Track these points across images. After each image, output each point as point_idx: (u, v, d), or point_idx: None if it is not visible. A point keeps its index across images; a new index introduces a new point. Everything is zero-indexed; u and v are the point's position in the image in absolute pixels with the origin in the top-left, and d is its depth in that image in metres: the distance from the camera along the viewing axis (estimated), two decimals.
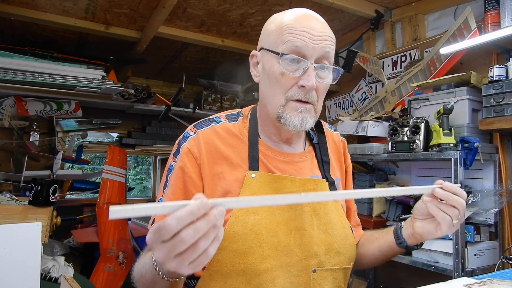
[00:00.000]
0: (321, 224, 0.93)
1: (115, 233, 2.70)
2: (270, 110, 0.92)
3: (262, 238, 0.87)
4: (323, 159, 1.02)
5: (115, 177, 2.84)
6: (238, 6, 2.57)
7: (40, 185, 2.03)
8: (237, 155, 0.94)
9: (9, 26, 2.78)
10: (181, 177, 0.91)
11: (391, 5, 2.68)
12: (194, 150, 0.93)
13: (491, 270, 1.81)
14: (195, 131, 0.96)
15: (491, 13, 2.00)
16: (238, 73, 3.78)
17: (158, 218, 0.89)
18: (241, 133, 0.97)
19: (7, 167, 3.13)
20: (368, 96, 2.96)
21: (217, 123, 0.98)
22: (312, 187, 0.95)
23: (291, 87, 0.88)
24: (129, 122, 3.78)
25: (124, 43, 3.09)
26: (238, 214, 0.87)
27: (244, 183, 0.90)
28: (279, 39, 0.88)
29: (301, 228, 0.91)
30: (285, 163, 0.97)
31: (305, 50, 0.85)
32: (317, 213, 0.94)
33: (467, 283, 0.89)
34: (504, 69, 1.90)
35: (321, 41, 0.86)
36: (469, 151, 1.93)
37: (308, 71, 0.86)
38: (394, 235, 0.98)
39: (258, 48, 0.97)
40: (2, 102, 2.87)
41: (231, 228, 0.86)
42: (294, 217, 0.91)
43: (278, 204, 0.85)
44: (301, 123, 0.88)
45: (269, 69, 0.90)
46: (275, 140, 0.98)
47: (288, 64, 0.86)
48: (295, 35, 0.85)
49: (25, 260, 1.47)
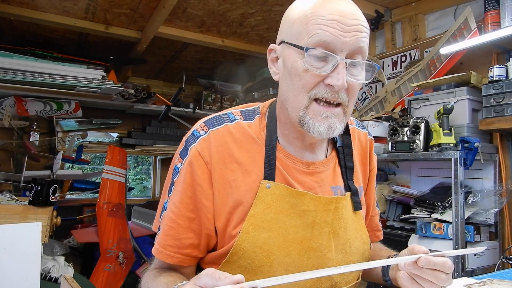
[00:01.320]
0: (339, 245, 0.86)
1: (115, 233, 2.70)
2: (292, 113, 0.80)
3: (273, 258, 0.80)
4: (347, 164, 0.92)
5: (115, 177, 2.84)
6: (238, 6, 2.57)
7: (40, 185, 2.03)
8: (252, 161, 0.83)
9: (9, 26, 2.78)
10: (190, 184, 0.81)
11: (391, 5, 2.68)
12: (205, 153, 0.81)
13: (491, 270, 1.81)
14: (206, 131, 0.84)
15: (491, 13, 2.00)
16: (238, 73, 3.78)
17: (165, 222, 0.85)
18: (257, 135, 0.85)
19: (7, 167, 3.13)
20: (368, 96, 2.96)
21: (231, 122, 0.85)
22: (334, 206, 0.85)
23: (316, 85, 0.75)
24: (129, 122, 3.79)
25: (124, 43, 3.09)
26: (248, 230, 0.79)
27: (257, 193, 0.81)
28: (303, 30, 0.74)
29: (317, 250, 0.83)
30: (305, 174, 0.86)
31: (335, 43, 0.72)
32: (336, 234, 0.86)
33: (467, 283, 0.89)
34: (504, 69, 1.90)
35: (354, 32, 0.73)
36: (469, 151, 1.93)
37: (338, 68, 0.73)
38: (382, 269, 0.91)
39: (278, 41, 0.83)
40: (2, 102, 2.87)
41: (240, 244, 0.79)
42: (310, 236, 0.83)
43: (318, 276, 0.70)
44: (327, 130, 0.76)
45: (291, 66, 0.76)
46: (297, 146, 0.86)
47: (314, 60, 0.73)
48: (322, 26, 0.72)
49: (25, 260, 1.47)
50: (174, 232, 0.83)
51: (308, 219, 0.83)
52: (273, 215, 0.81)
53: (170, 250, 0.83)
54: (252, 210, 0.80)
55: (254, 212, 0.80)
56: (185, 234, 0.82)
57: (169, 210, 0.84)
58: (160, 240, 0.84)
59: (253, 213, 0.80)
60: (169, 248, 0.83)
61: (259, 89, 3.76)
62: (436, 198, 2.09)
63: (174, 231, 0.83)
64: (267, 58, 0.86)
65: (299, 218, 0.83)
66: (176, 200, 0.83)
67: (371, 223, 1.06)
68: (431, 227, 2.02)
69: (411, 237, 2.12)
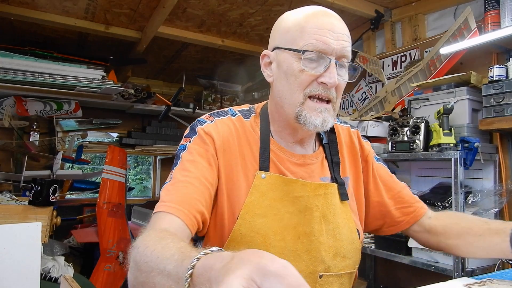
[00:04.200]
0: (330, 229, 0.92)
1: (115, 233, 2.70)
2: (288, 109, 0.89)
3: (269, 242, 0.85)
4: (333, 159, 1.00)
5: (115, 177, 2.84)
6: (238, 6, 2.57)
7: (40, 185, 2.03)
8: (249, 152, 0.92)
9: (9, 26, 2.78)
10: (201, 152, 0.87)
11: (391, 5, 2.68)
12: (213, 134, 0.89)
13: (491, 270, 1.81)
14: (212, 120, 0.93)
15: (491, 13, 2.00)
16: (238, 73, 3.78)
17: (172, 185, 0.82)
18: (254, 130, 0.95)
19: (7, 167, 3.13)
20: (368, 96, 2.96)
21: (233, 116, 0.96)
22: (323, 191, 0.93)
23: (310, 84, 0.86)
24: (129, 122, 3.79)
25: (124, 43, 3.09)
26: (246, 216, 0.86)
27: (253, 183, 0.88)
28: (298, 37, 0.85)
29: (310, 234, 0.89)
30: (296, 165, 0.94)
31: (327, 47, 0.83)
32: (326, 218, 0.92)
33: (467, 283, 0.89)
34: (504, 69, 1.89)
35: (340, 41, 0.85)
36: (469, 151, 1.93)
37: (330, 68, 0.84)
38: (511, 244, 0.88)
39: (270, 48, 0.94)
40: (2, 102, 2.87)
41: (238, 230, 0.85)
42: (303, 222, 0.90)
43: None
44: (322, 123, 0.86)
45: (287, 67, 0.87)
46: (288, 141, 0.96)
47: (308, 62, 0.84)
48: (316, 35, 0.83)
49: (25, 260, 1.47)
50: (186, 190, 0.81)
51: (300, 205, 0.91)
52: (268, 202, 0.89)
53: (183, 207, 0.78)
54: (249, 198, 0.88)
55: (251, 200, 0.88)
56: (196, 194, 0.81)
57: (179, 174, 0.84)
58: (170, 198, 0.80)
59: (249, 201, 0.87)
60: (182, 204, 0.78)
61: (259, 89, 3.76)
62: (436, 198, 2.09)
63: (186, 189, 0.81)
64: (260, 63, 0.96)
65: (292, 205, 0.90)
66: (190, 167, 0.84)
67: (402, 198, 1.05)
68: None
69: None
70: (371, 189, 1.05)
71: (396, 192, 1.06)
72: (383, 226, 1.07)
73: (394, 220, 1.05)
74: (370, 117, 2.60)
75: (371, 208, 1.05)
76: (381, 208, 1.05)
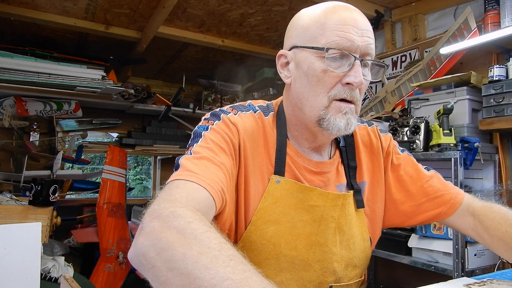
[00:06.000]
0: (344, 240, 0.88)
1: (115, 233, 2.70)
2: (310, 113, 0.82)
3: (280, 250, 0.82)
4: (350, 164, 0.94)
5: (115, 177, 2.84)
6: (238, 6, 2.57)
7: (40, 185, 2.03)
8: (266, 153, 0.85)
9: (9, 26, 2.78)
10: (228, 143, 0.79)
11: (391, 5, 2.68)
12: (238, 125, 0.82)
13: (491, 270, 1.81)
14: (236, 113, 0.85)
15: (491, 13, 2.00)
16: (238, 73, 3.78)
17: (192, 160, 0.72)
18: (272, 130, 0.88)
19: (7, 167, 3.13)
20: (368, 96, 2.96)
21: (255, 112, 0.88)
22: (341, 202, 0.88)
23: (335, 85, 0.79)
24: (129, 122, 3.78)
25: (124, 43, 3.09)
26: (257, 223, 0.81)
27: (267, 188, 0.83)
28: (319, 34, 0.78)
29: (323, 244, 0.86)
30: (313, 173, 0.88)
31: (351, 44, 0.77)
32: (342, 229, 0.88)
33: (467, 283, 0.89)
34: (504, 69, 1.89)
35: (365, 37, 0.79)
36: (469, 151, 1.93)
37: (354, 66, 0.78)
38: None
39: (287, 47, 0.86)
40: (2, 102, 2.87)
41: (249, 237, 0.81)
42: (317, 231, 0.86)
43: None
44: (345, 126, 0.80)
45: (308, 67, 0.80)
46: (305, 147, 0.89)
47: (332, 61, 0.78)
48: (339, 31, 0.77)
49: (25, 260, 1.47)
50: (211, 165, 0.71)
51: (315, 215, 0.86)
52: (281, 209, 0.83)
53: (210, 180, 0.68)
54: (262, 204, 0.82)
55: (263, 205, 0.82)
56: (221, 176, 0.72)
57: (201, 150, 0.74)
58: (194, 168, 0.69)
59: (262, 207, 0.82)
60: (208, 177, 0.68)
61: (259, 89, 3.76)
62: None
63: (211, 164, 0.72)
64: (276, 63, 0.89)
65: (306, 213, 0.85)
66: (210, 143, 0.76)
67: (432, 187, 0.96)
68: (431, 227, 2.02)
69: (411, 237, 2.12)
70: (392, 185, 0.98)
71: (424, 182, 0.97)
72: (416, 219, 0.98)
73: (430, 213, 0.96)
74: (370, 117, 2.60)
75: (396, 206, 0.97)
76: (409, 203, 0.96)
